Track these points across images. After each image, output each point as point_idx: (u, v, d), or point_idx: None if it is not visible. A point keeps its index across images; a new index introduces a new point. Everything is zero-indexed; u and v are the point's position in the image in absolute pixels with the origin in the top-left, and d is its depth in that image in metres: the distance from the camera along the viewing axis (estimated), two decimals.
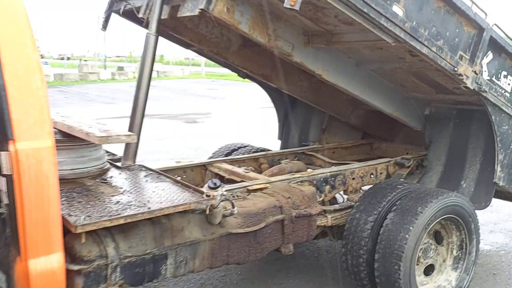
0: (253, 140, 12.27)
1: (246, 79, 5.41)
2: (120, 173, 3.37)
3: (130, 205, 2.61)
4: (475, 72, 3.72)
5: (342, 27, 3.66)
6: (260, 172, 4.90)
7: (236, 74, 5.24)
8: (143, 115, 3.88)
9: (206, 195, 2.84)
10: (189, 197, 2.81)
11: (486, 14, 3.73)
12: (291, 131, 6.19)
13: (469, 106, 4.41)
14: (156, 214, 2.60)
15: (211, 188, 2.87)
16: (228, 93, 26.53)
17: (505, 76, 4.04)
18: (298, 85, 5.09)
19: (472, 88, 3.74)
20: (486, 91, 3.85)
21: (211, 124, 15.25)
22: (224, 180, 4.35)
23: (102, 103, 20.76)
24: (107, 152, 3.74)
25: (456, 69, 3.58)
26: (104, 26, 4.50)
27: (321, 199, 3.92)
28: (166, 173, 4.22)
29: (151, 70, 3.76)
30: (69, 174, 2.95)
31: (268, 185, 3.66)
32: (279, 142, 6.32)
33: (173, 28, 4.19)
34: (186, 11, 3.39)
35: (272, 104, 6.28)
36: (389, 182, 4.00)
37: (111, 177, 3.23)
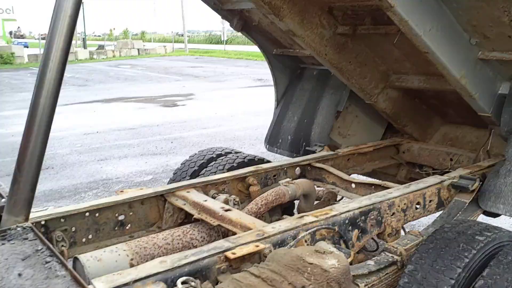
0: (240, 129, 10.84)
1: (236, 56, 3.84)
2: None
3: None
4: None
5: None
6: (249, 196, 3.37)
7: (221, 50, 3.67)
8: (47, 134, 2.20)
9: None
10: None
11: None
12: (289, 112, 4.65)
13: None
14: None
15: None
16: (212, 71, 24.73)
17: None
18: (318, 32, 3.50)
19: None
20: None
21: (192, 107, 13.58)
22: (192, 220, 2.82)
23: (74, 86, 18.90)
24: None
25: None
26: None
27: (350, 259, 2.38)
28: (102, 211, 2.73)
29: (66, 57, 2.14)
30: None
31: (262, 246, 2.12)
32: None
33: None
34: None
35: (262, 83, 4.74)
36: (459, 229, 2.45)
37: None
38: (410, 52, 3.48)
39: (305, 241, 2.34)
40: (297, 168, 3.66)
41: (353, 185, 3.38)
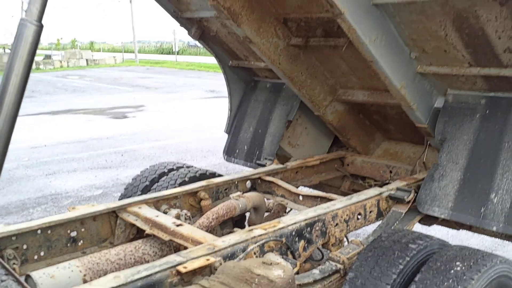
0: (192, 140, 10.88)
1: (188, 67, 3.96)
2: None
3: None
4: None
5: None
6: (200, 210, 3.47)
7: (172, 61, 3.78)
8: (7, 142, 2.28)
9: None
10: None
11: None
12: (244, 123, 4.79)
13: (508, 92, 3.12)
14: None
15: None
16: (163, 82, 24.59)
17: None
18: (273, 41, 3.70)
19: None
20: None
21: (143, 119, 13.49)
22: (144, 235, 2.89)
23: None
24: None
25: None
26: None
27: (296, 269, 2.52)
28: (54, 229, 2.77)
29: (23, 85, 2.22)
30: None
31: (212, 259, 2.23)
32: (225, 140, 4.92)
33: None
34: None
35: (214, 95, 4.87)
36: (395, 238, 2.65)
37: None
38: (357, 66, 3.72)
39: (254, 253, 2.47)
40: (248, 181, 3.79)
41: (301, 197, 3.55)
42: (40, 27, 2.17)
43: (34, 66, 35.81)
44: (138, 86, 22.91)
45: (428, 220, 3.39)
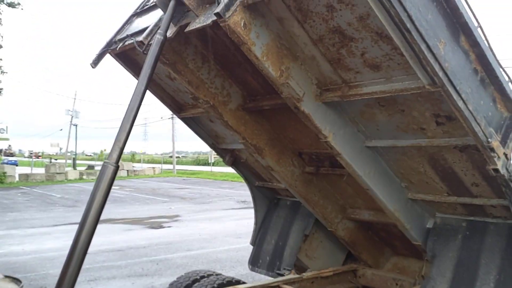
0: (222, 251, 11.45)
1: (222, 177, 4.81)
2: None
3: None
4: (506, 156, 3.10)
5: (365, 74, 3.16)
6: None
7: (208, 171, 4.63)
8: (81, 263, 3.06)
9: None
10: None
11: None
12: (267, 236, 5.45)
13: (483, 217, 3.76)
14: None
15: None
16: (197, 193, 25.67)
17: None
18: (290, 170, 4.52)
19: (502, 173, 3.08)
20: None
21: (178, 229, 14.23)
22: None
23: (64, 207, 19.57)
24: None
25: (490, 141, 2.96)
26: (95, 63, 4.31)
27: None
28: None
29: (101, 208, 3.07)
30: None
31: None
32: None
33: (173, 64, 3.72)
34: (198, 24, 3.08)
35: (245, 205, 5.66)
36: None
37: None
38: (360, 190, 4.44)
39: None
40: None
41: None
42: (116, 167, 3.04)
43: (78, 176, 37.84)
44: (175, 197, 24.01)
45: None
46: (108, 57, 4.37)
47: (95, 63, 4.28)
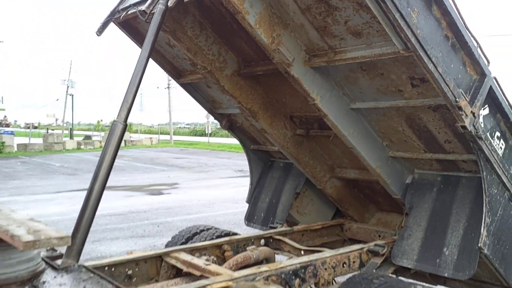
0: (220, 215, 11.95)
1: (219, 148, 5.18)
2: (55, 276, 2.88)
3: None
4: (473, 114, 3.45)
5: (348, 41, 3.48)
6: (224, 260, 4.47)
7: (205, 142, 5.01)
8: (95, 208, 3.46)
9: None
10: None
11: (488, 62, 3.57)
12: (262, 194, 5.88)
13: (456, 172, 4.15)
14: None
15: None
16: (195, 162, 26.13)
17: (498, 138, 3.79)
18: (282, 132, 4.87)
19: (469, 130, 3.44)
20: (481, 138, 3.56)
21: (177, 196, 14.71)
22: (183, 273, 3.91)
23: (64, 175, 20.00)
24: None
25: (457, 100, 3.31)
26: (100, 31, 4.54)
27: None
28: (116, 267, 3.81)
29: (113, 161, 3.42)
30: None
31: (230, 283, 3.23)
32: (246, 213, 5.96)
33: (173, 32, 4.00)
34: None
35: (242, 174, 6.09)
36: (364, 276, 3.61)
37: (44, 282, 2.75)
38: (346, 151, 4.81)
39: None
40: (262, 239, 4.80)
41: (302, 252, 4.52)
42: (125, 126, 3.38)
43: (75, 145, 38.11)
44: (173, 166, 24.47)
45: (401, 271, 4.30)
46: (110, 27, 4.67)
47: (100, 31, 4.56)
